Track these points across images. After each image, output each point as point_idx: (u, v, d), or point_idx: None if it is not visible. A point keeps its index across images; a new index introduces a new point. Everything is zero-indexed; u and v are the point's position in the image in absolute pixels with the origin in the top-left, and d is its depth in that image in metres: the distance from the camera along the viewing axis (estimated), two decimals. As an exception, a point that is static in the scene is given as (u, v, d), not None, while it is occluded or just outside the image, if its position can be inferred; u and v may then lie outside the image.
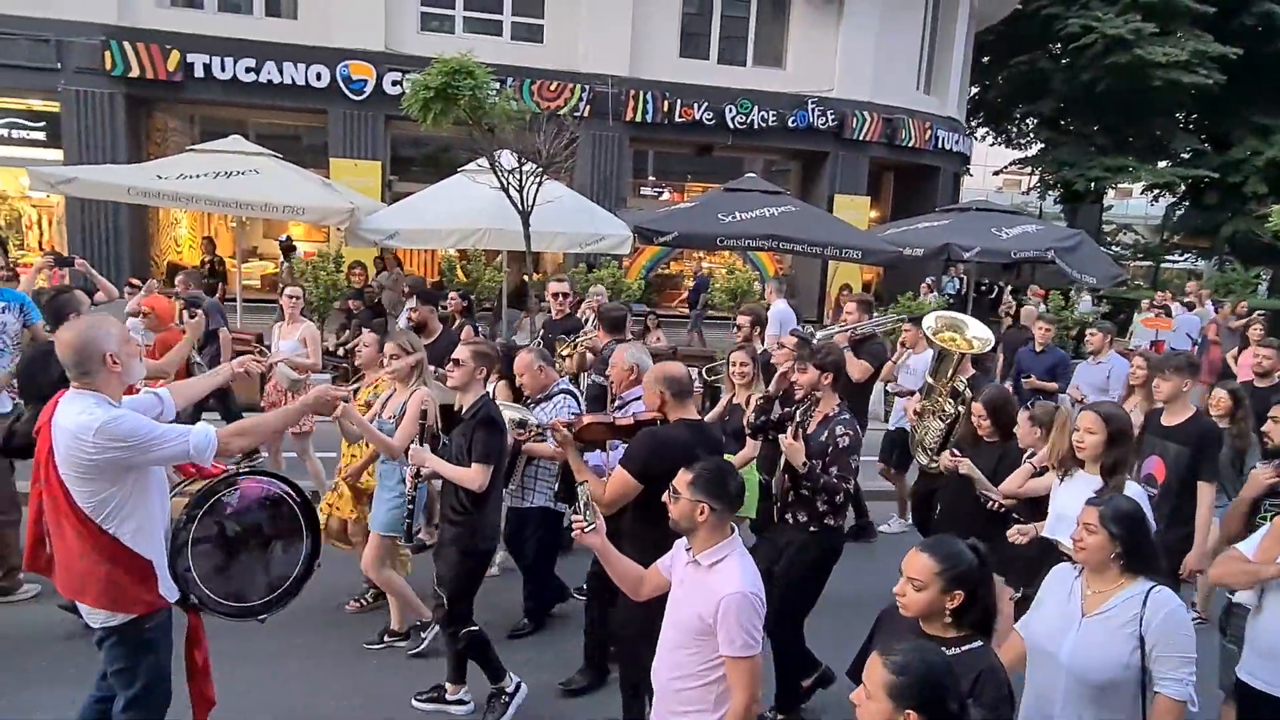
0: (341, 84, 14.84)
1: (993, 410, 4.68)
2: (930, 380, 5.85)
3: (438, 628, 4.67)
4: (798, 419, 4.27)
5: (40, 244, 15.85)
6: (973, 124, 26.12)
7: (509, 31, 16.04)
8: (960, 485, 4.68)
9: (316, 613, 5.03)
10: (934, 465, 5.49)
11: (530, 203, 9.75)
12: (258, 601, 3.51)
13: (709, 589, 2.74)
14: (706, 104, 16.23)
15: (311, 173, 12.41)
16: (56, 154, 14.40)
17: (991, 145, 29.34)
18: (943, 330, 6.03)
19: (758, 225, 11.11)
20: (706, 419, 5.50)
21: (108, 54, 13.91)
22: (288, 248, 15.48)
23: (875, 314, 7.75)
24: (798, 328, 7.40)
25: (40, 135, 15.03)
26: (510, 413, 4.68)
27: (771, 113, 16.56)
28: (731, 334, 7.60)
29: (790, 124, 16.73)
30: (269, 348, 7.01)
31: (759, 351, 5.89)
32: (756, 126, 16.56)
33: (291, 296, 6.67)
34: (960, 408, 5.51)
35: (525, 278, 11.29)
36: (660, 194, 18.66)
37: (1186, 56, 20.61)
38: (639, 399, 4.42)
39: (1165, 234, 28.72)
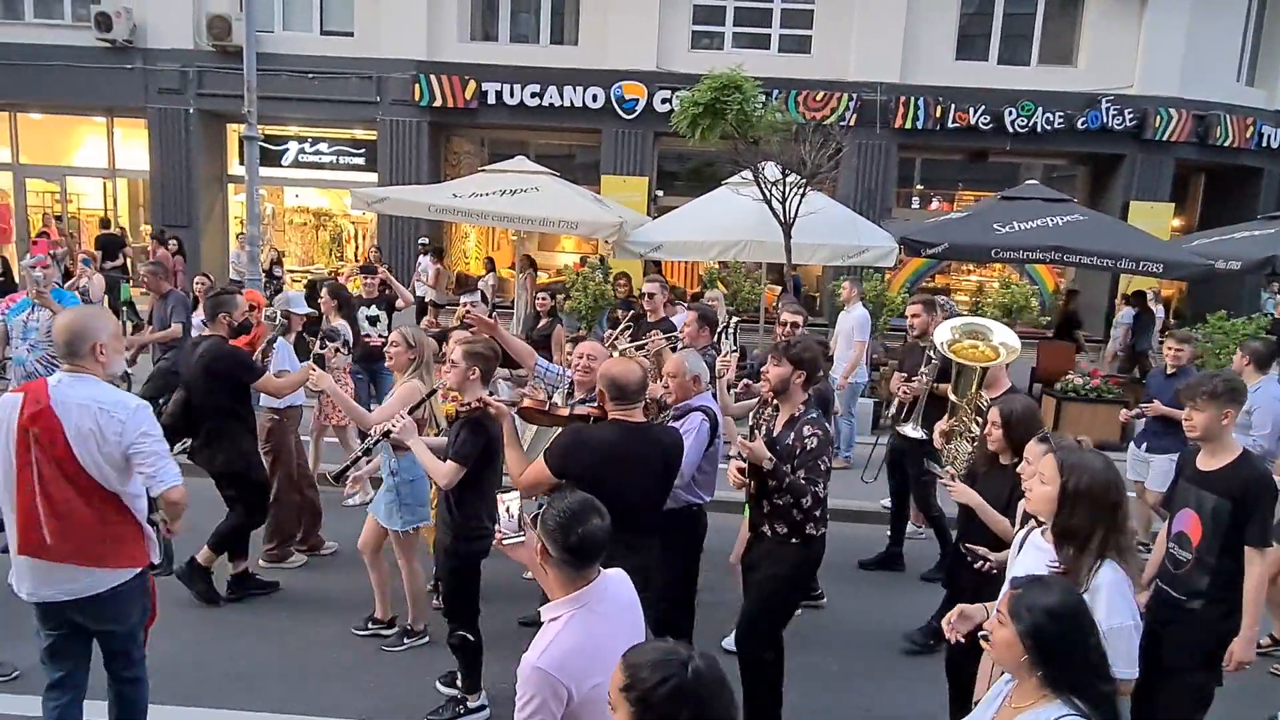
0: (615, 104, 15.61)
1: (1009, 421, 3.82)
2: (953, 398, 5.19)
3: (418, 640, 4.99)
4: (750, 421, 4.01)
5: (356, 256, 18.11)
6: (1309, 117, 22.53)
7: (776, 45, 16.09)
8: (969, 516, 3.97)
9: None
10: None
11: (792, 214, 9.69)
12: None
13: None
14: (983, 107, 15.28)
15: (585, 189, 13.12)
16: (372, 177, 16.37)
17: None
18: (962, 340, 5.28)
19: (1039, 235, 10.19)
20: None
21: (416, 86, 15.63)
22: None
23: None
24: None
25: (360, 161, 17.19)
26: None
27: (1058, 114, 15.28)
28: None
29: (1080, 125, 15.33)
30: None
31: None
32: (1039, 129, 15.33)
33: (321, 298, 7.74)
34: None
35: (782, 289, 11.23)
36: (929, 203, 17.84)
37: None
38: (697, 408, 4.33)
39: None
